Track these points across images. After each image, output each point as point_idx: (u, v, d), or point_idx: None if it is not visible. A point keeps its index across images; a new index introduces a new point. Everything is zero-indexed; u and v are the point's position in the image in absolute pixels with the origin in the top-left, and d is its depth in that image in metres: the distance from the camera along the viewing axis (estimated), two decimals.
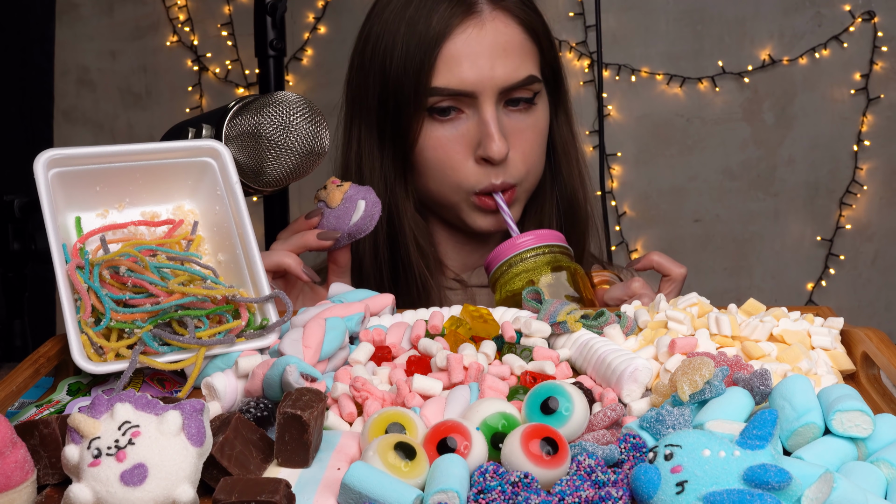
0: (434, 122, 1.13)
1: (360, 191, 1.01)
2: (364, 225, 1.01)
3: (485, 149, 1.11)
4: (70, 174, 0.84)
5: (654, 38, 2.54)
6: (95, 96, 2.68)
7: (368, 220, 1.01)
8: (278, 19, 1.62)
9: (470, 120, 1.13)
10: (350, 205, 1.00)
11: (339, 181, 1.02)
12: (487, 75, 1.10)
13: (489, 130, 1.11)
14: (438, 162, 1.14)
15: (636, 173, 2.60)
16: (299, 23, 2.58)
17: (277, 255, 0.99)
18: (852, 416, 0.63)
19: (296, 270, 0.99)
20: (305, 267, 1.00)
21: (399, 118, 1.13)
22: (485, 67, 1.10)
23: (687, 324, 0.81)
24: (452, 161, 1.13)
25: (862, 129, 2.54)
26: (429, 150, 1.14)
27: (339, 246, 1.02)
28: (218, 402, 0.73)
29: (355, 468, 0.59)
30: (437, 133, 1.13)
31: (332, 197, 1.01)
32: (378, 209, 1.01)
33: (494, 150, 1.10)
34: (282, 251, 1.00)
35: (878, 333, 0.79)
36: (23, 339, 1.14)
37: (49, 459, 0.63)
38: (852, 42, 2.51)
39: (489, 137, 1.10)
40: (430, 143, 1.14)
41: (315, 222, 1.02)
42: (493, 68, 1.11)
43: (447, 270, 1.23)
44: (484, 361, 0.78)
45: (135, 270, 0.79)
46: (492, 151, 1.10)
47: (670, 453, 0.59)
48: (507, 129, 1.13)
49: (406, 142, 1.14)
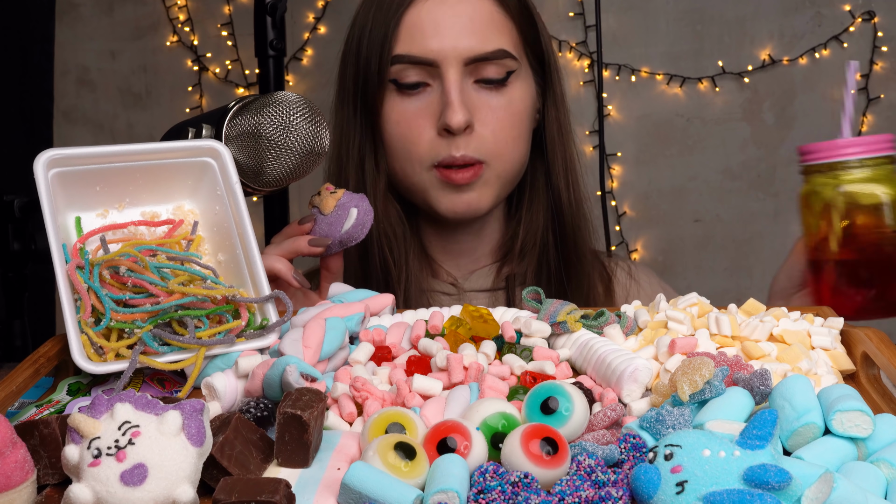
0: (399, 95, 1.12)
1: (354, 198, 1.01)
2: (355, 233, 1.00)
3: (444, 117, 1.09)
4: (70, 174, 0.84)
5: (654, 38, 2.54)
6: (95, 96, 2.68)
7: (360, 229, 1.00)
8: (278, 19, 1.62)
9: (434, 93, 1.12)
10: (342, 212, 1.00)
11: (333, 188, 1.02)
12: (450, 44, 1.09)
13: (449, 99, 1.09)
14: (401, 136, 1.13)
15: (636, 173, 2.60)
16: (299, 23, 2.58)
17: (269, 260, 0.98)
18: (852, 416, 0.63)
19: (286, 276, 0.99)
20: (296, 272, 0.99)
21: (367, 92, 1.13)
22: (448, 36, 1.09)
23: (687, 324, 0.81)
24: (413, 134, 1.12)
25: (862, 130, 2.54)
26: (391, 123, 1.13)
27: (329, 253, 1.02)
28: (218, 402, 0.73)
29: (355, 468, 0.59)
30: (401, 107, 1.12)
31: (326, 203, 1.01)
32: (370, 217, 1.01)
33: (452, 118, 1.08)
34: (273, 256, 0.99)
35: (878, 333, 0.79)
36: (23, 339, 1.14)
37: (49, 459, 0.63)
38: (852, 42, 2.51)
39: (449, 106, 1.09)
40: (394, 116, 1.13)
41: (307, 228, 1.01)
42: (457, 38, 1.09)
43: (441, 273, 1.21)
44: (484, 361, 0.78)
45: (135, 270, 0.79)
46: (449, 119, 1.08)
47: (670, 453, 0.59)
48: (474, 104, 1.11)
49: (375, 116, 1.14)
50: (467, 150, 1.11)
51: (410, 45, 1.10)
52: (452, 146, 1.10)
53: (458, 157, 1.10)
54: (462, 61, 1.10)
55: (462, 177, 1.12)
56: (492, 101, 1.12)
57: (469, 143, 1.11)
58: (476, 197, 1.14)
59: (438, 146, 1.11)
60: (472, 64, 1.11)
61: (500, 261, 1.22)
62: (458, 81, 1.10)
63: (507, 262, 1.21)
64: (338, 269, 1.05)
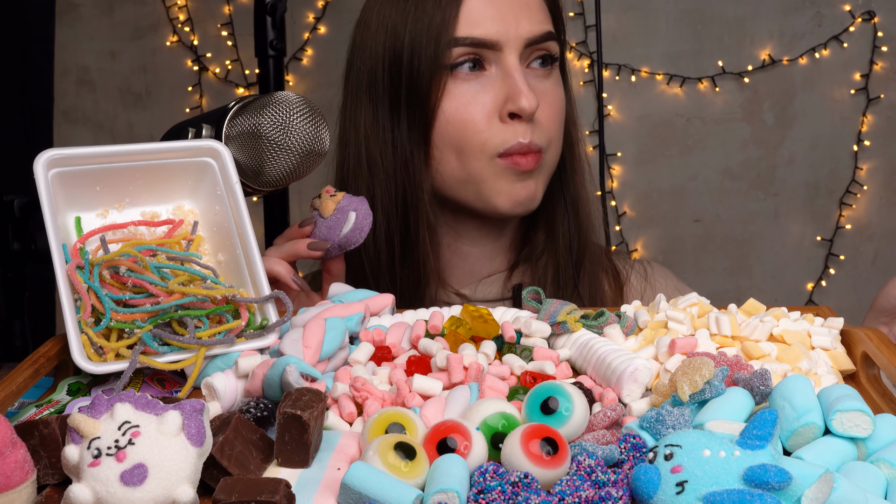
0: (456, 80, 1.08)
1: (353, 202, 1.00)
2: (353, 237, 1.00)
3: (514, 101, 1.06)
4: (70, 174, 0.84)
5: (654, 38, 2.54)
6: (95, 96, 2.68)
7: (358, 233, 1.00)
8: (278, 19, 1.63)
9: (494, 77, 1.09)
10: (341, 216, 1.00)
11: (333, 191, 1.01)
12: (512, 25, 1.08)
13: (517, 84, 1.06)
14: (461, 123, 1.08)
15: (636, 173, 2.60)
16: (299, 23, 2.58)
17: (269, 262, 0.98)
18: (852, 416, 0.63)
19: (285, 278, 0.98)
20: (296, 275, 0.99)
21: (418, 81, 1.08)
22: (508, 18, 1.08)
23: (687, 324, 0.81)
24: (476, 120, 1.08)
25: (862, 129, 2.54)
26: (451, 110, 1.08)
27: (329, 256, 1.02)
28: (218, 402, 0.73)
29: (355, 468, 0.59)
30: (460, 89, 1.08)
31: (325, 207, 1.01)
32: (368, 222, 1.00)
33: (524, 102, 1.05)
34: (273, 258, 0.99)
35: (878, 333, 0.79)
36: (23, 339, 1.14)
37: (49, 459, 0.63)
38: (852, 42, 2.51)
39: (518, 90, 1.06)
40: (453, 102, 1.08)
41: (307, 231, 1.01)
42: (517, 19, 1.08)
43: (447, 285, 1.20)
44: (484, 361, 0.78)
45: (135, 270, 0.79)
46: (522, 103, 1.05)
47: (670, 453, 0.59)
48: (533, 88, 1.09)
49: (427, 106, 1.08)
50: (533, 136, 1.08)
51: (471, 29, 1.07)
52: (520, 132, 1.08)
53: (525, 143, 1.08)
54: (522, 43, 1.08)
55: (528, 161, 1.08)
56: (542, 84, 1.11)
57: (534, 130, 1.08)
58: (534, 186, 1.11)
59: (505, 133, 1.08)
60: (529, 48, 1.09)
61: (509, 269, 1.21)
62: (519, 65, 1.08)
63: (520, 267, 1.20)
64: (339, 271, 1.04)
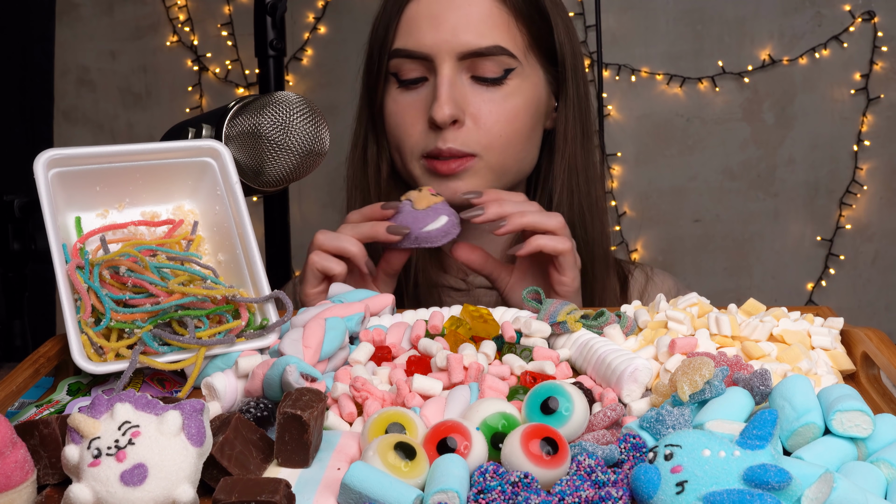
0: (399, 89, 1.15)
1: (448, 209, 1.02)
2: (436, 236, 1.00)
3: (430, 111, 1.11)
4: (70, 174, 0.84)
5: (654, 38, 2.54)
6: (95, 96, 2.68)
7: (441, 235, 1.00)
8: (278, 19, 1.63)
9: (430, 87, 1.13)
10: (433, 213, 1.00)
11: (435, 192, 1.03)
12: (445, 38, 1.10)
13: (437, 93, 1.10)
14: (396, 127, 1.15)
15: (636, 173, 2.60)
16: (299, 23, 2.58)
17: (344, 241, 0.99)
18: (852, 416, 0.63)
19: (359, 261, 1.00)
20: (368, 259, 1.00)
21: (370, 85, 1.17)
22: (444, 30, 1.10)
23: (687, 324, 0.81)
24: (406, 125, 1.14)
25: (862, 129, 2.54)
26: (389, 116, 1.16)
27: (402, 245, 1.01)
28: (218, 402, 0.73)
29: (355, 468, 0.59)
30: (399, 98, 1.15)
31: (421, 200, 1.01)
32: (456, 231, 1.01)
33: (437, 112, 1.09)
34: (349, 237, 1.00)
35: (878, 333, 0.79)
36: (23, 339, 1.14)
37: (49, 459, 0.63)
38: (852, 42, 2.51)
39: (436, 100, 1.10)
40: (391, 108, 1.16)
41: (389, 214, 1.02)
42: (453, 32, 1.10)
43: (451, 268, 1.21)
44: (484, 361, 0.78)
45: (135, 270, 0.79)
46: (434, 113, 1.10)
47: (670, 453, 0.59)
48: (467, 99, 1.12)
49: (375, 109, 1.17)
50: (454, 143, 1.12)
51: (407, 40, 1.12)
52: (440, 139, 1.12)
53: (444, 149, 1.12)
54: (456, 56, 1.11)
55: (447, 168, 1.12)
56: (484, 96, 1.13)
57: (457, 137, 1.12)
58: (462, 186, 1.14)
59: (427, 138, 1.13)
60: (468, 59, 1.11)
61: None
62: (450, 76, 1.11)
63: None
64: (399, 265, 1.05)
